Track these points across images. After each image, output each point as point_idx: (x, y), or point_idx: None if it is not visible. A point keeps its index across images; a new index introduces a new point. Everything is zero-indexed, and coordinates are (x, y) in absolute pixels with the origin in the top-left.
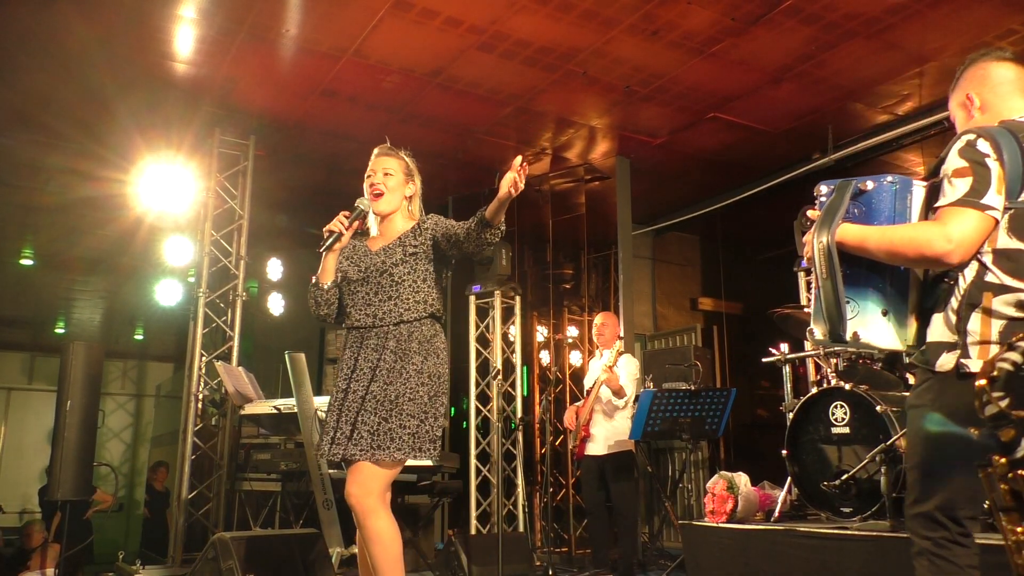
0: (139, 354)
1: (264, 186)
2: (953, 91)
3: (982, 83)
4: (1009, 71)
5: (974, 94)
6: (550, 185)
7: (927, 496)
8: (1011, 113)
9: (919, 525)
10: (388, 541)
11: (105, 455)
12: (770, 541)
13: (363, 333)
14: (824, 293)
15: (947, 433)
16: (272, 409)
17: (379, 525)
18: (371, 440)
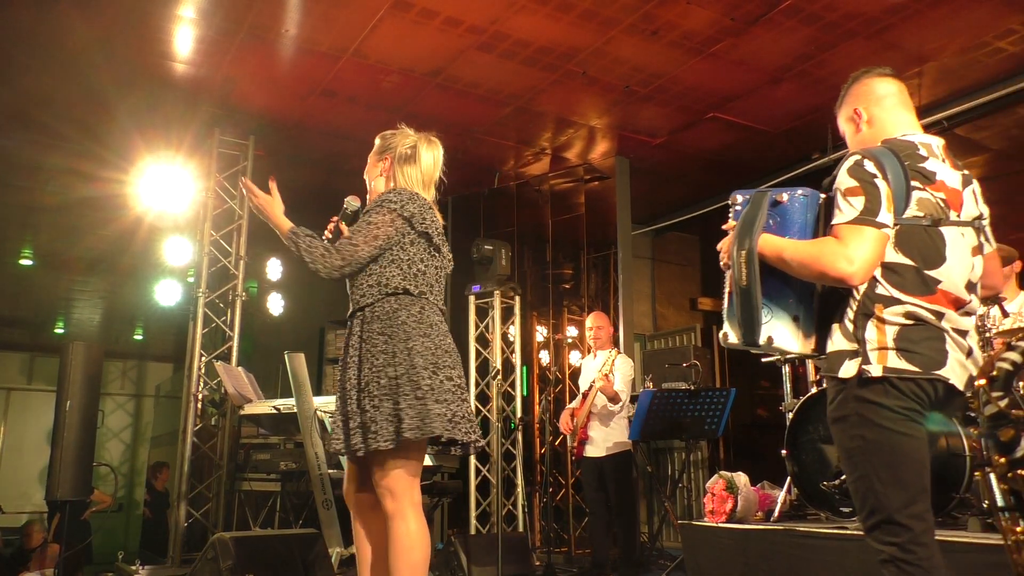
0: (139, 354)
1: (264, 186)
2: (840, 107)
3: (867, 98)
4: (891, 86)
5: (861, 108)
6: (550, 185)
7: (883, 503)
8: (896, 127)
9: (882, 533)
10: (401, 548)
11: (105, 455)
12: (770, 541)
13: (349, 324)
14: (742, 299)
15: (885, 436)
16: (272, 409)
17: (398, 530)
18: (358, 432)
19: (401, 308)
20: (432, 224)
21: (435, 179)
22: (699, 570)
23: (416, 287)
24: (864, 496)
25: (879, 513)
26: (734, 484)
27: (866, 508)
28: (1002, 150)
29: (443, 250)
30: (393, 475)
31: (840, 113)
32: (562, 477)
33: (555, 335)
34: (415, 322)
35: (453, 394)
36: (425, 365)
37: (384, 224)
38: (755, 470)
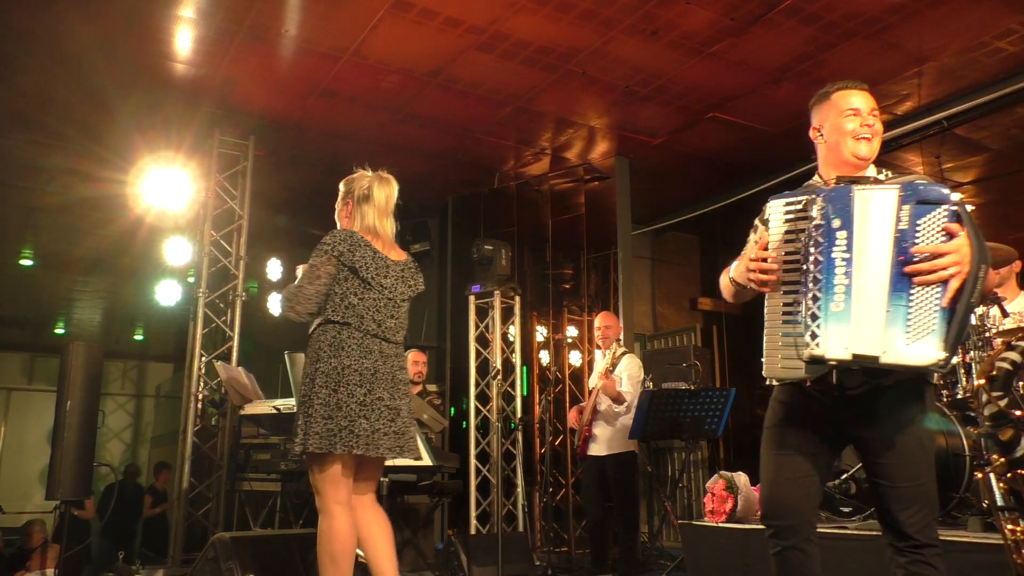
0: (139, 354)
1: (264, 186)
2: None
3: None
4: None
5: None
6: (550, 185)
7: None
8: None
9: (934, 531)
10: (322, 540)
11: (105, 455)
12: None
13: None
14: (965, 316)
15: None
16: (272, 409)
17: (321, 524)
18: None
19: (322, 334)
20: (361, 260)
21: (390, 210)
22: (699, 570)
23: (343, 317)
24: (928, 495)
25: (935, 511)
26: (734, 484)
27: (931, 507)
28: (1002, 150)
29: (382, 281)
30: (316, 477)
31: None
32: (562, 477)
33: (555, 335)
34: (327, 346)
35: (352, 411)
36: (324, 384)
37: (322, 264)
38: (755, 470)
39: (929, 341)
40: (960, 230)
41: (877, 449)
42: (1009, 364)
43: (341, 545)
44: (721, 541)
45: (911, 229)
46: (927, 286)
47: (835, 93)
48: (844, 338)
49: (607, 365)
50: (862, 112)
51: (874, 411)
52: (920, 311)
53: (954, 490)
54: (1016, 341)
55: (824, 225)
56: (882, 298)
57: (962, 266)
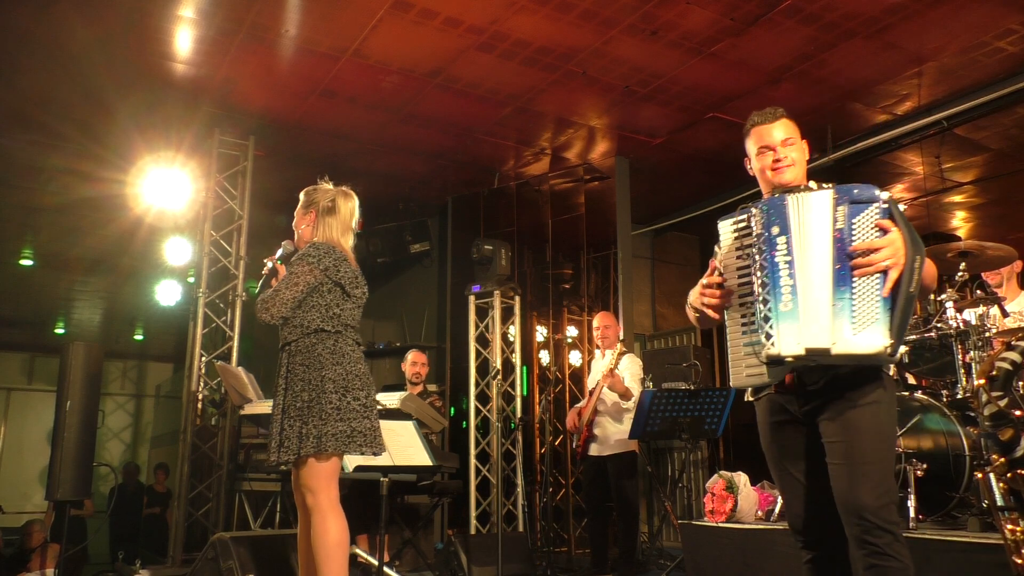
0: (139, 354)
1: (263, 186)
2: (796, 137)
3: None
4: None
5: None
6: (550, 185)
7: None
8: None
9: (897, 515)
10: (322, 540)
11: (105, 455)
12: (769, 541)
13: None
14: (906, 307)
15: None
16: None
17: (320, 524)
18: (279, 449)
19: (318, 343)
20: (345, 274)
21: (352, 225)
22: (699, 570)
23: (332, 327)
24: (884, 476)
25: (892, 493)
26: (734, 484)
27: (882, 487)
28: (1002, 150)
29: (357, 291)
30: (314, 479)
31: (797, 137)
32: (562, 477)
33: (555, 335)
34: (329, 353)
35: (358, 412)
36: (335, 389)
37: (304, 274)
38: (755, 470)
39: (875, 329)
40: (892, 226)
41: (834, 429)
42: (1009, 364)
43: (341, 543)
44: (721, 541)
45: (848, 227)
46: (868, 278)
47: (752, 129)
48: (795, 335)
49: (610, 364)
50: (775, 146)
51: (832, 397)
52: (863, 302)
53: (954, 490)
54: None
55: (764, 234)
56: (827, 294)
57: (897, 258)
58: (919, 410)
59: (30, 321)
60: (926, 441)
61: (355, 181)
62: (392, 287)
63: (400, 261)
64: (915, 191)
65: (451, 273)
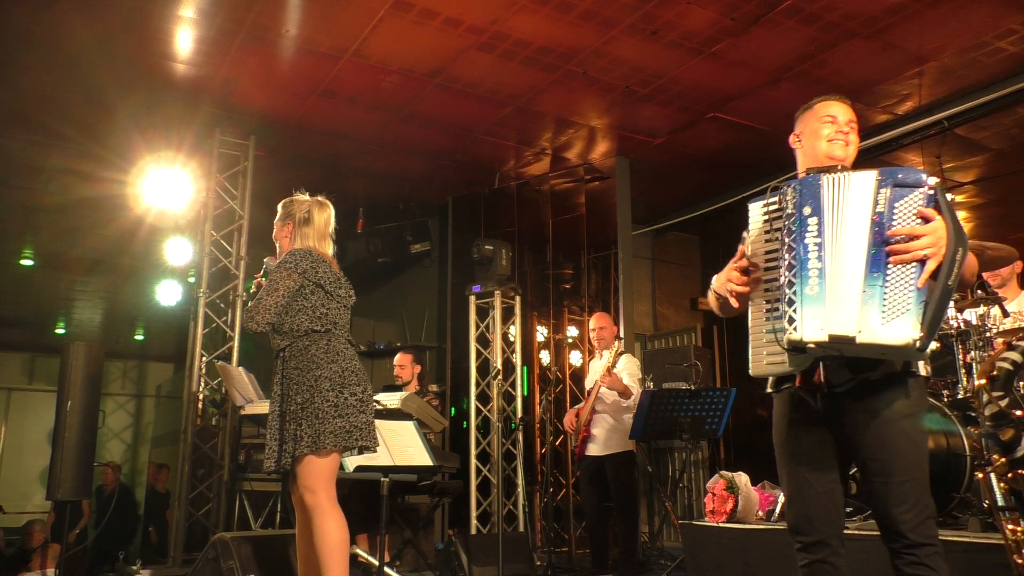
0: (139, 354)
1: (264, 186)
2: (856, 128)
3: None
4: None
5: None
6: (550, 185)
7: (931, 499)
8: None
9: (929, 528)
10: (327, 538)
11: (105, 455)
12: (770, 541)
13: (276, 361)
14: (943, 300)
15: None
16: None
17: (323, 523)
18: (278, 449)
19: (312, 344)
20: (324, 275)
21: (328, 233)
22: (699, 570)
23: (323, 326)
24: (921, 492)
25: (930, 508)
26: (735, 484)
27: (922, 504)
28: (1002, 150)
29: (340, 291)
30: (314, 477)
31: (856, 128)
32: (562, 477)
33: (555, 335)
34: (323, 353)
35: (355, 408)
36: (331, 387)
37: (283, 279)
38: (755, 470)
39: (905, 320)
40: (936, 214)
41: (867, 446)
42: (1009, 364)
43: (342, 542)
44: (721, 541)
45: (888, 211)
46: (903, 266)
47: (818, 103)
48: (820, 320)
49: (608, 364)
50: (839, 120)
51: (862, 408)
52: (896, 291)
53: (954, 490)
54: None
55: (795, 213)
56: (857, 279)
57: (938, 248)
58: None
59: (30, 321)
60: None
61: (355, 181)
62: (392, 287)
63: (400, 261)
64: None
65: (451, 273)
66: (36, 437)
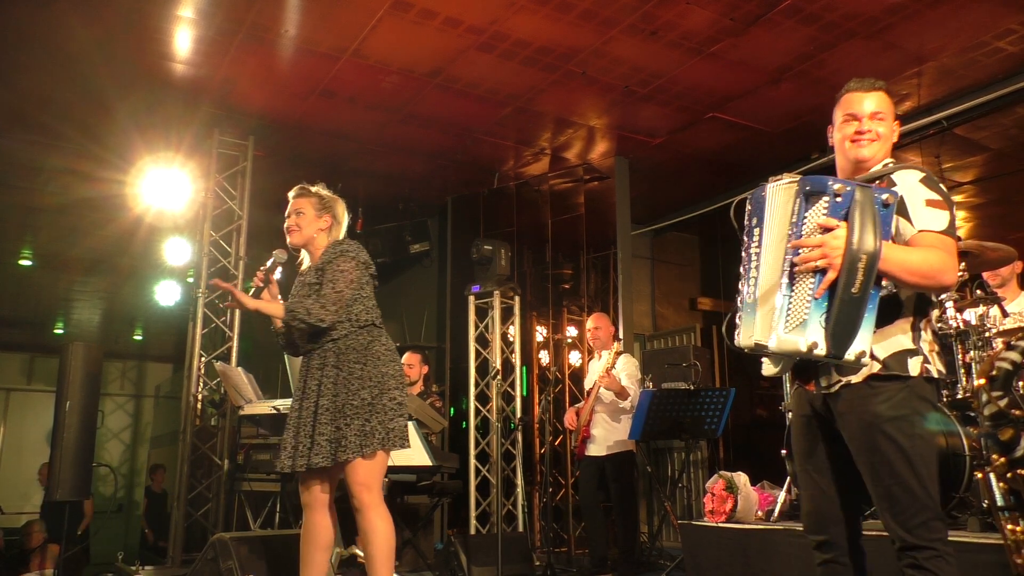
0: (138, 354)
1: (263, 186)
2: (889, 109)
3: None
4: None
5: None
6: (549, 185)
7: (935, 501)
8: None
9: (930, 531)
10: (381, 537)
11: (104, 456)
12: (769, 541)
13: (310, 355)
14: (847, 308)
15: (933, 435)
16: (271, 409)
17: (376, 523)
18: (332, 447)
19: (374, 340)
20: (373, 270)
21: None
22: (699, 570)
23: (378, 319)
24: (916, 495)
25: (931, 510)
26: (734, 484)
27: (916, 506)
28: (1001, 150)
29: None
30: (370, 476)
31: (889, 114)
32: (562, 477)
33: (555, 335)
34: (385, 350)
35: (402, 408)
36: (396, 385)
37: (351, 270)
38: (755, 470)
39: (800, 329)
40: (837, 223)
41: (855, 450)
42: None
43: (393, 538)
44: (721, 541)
45: (799, 221)
46: (806, 276)
47: (844, 95)
48: (751, 328)
49: (606, 364)
50: (862, 116)
51: (849, 411)
52: (798, 301)
53: (954, 490)
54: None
55: (748, 224)
56: (777, 289)
57: (831, 258)
58: None
59: (30, 321)
60: None
61: (354, 181)
62: (392, 287)
63: (400, 261)
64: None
65: (451, 273)
66: (35, 437)
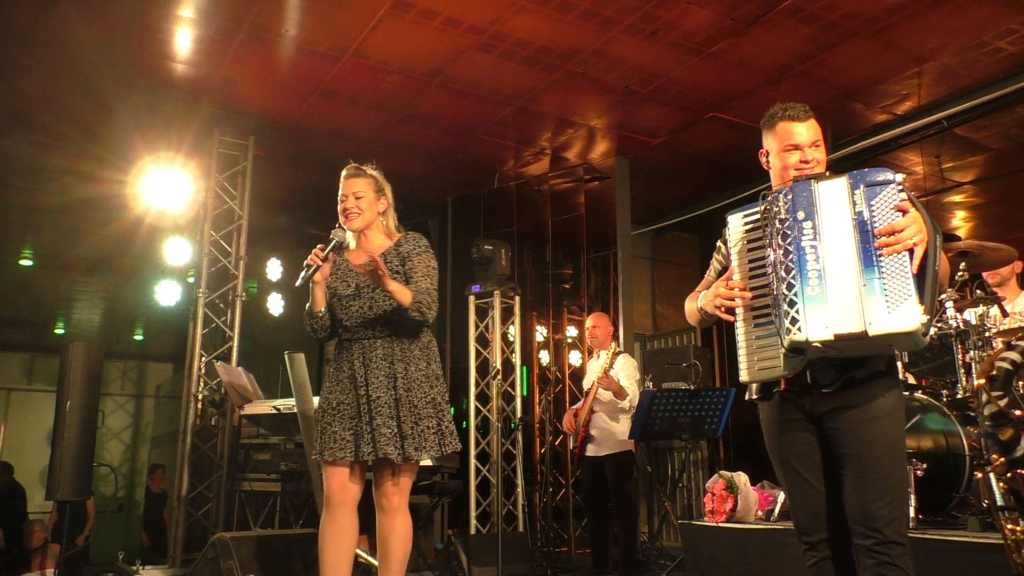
0: (139, 354)
1: (263, 186)
2: (821, 140)
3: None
4: None
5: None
6: (549, 185)
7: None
8: None
9: (904, 526)
10: (408, 537)
11: (105, 456)
12: (769, 541)
13: (365, 344)
14: (936, 285)
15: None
16: (272, 409)
17: (408, 524)
18: (402, 442)
19: (431, 340)
20: None
21: None
22: (699, 570)
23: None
24: (899, 490)
25: (905, 507)
26: (734, 484)
27: (897, 501)
28: (1001, 150)
29: None
30: (409, 478)
31: (821, 140)
32: (562, 477)
33: (555, 335)
34: (435, 350)
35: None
36: (444, 389)
37: (432, 261)
38: (755, 470)
39: (910, 306)
40: (910, 206)
41: (848, 441)
42: (1009, 364)
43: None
44: (721, 541)
45: (867, 209)
46: (895, 257)
47: (779, 123)
48: (824, 319)
49: (604, 365)
50: (803, 146)
51: (847, 404)
52: (895, 280)
53: (954, 490)
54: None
55: (789, 218)
56: (854, 276)
57: (923, 235)
58: (919, 410)
59: (30, 321)
60: (926, 441)
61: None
62: None
63: None
64: (915, 191)
65: (451, 273)
66: (36, 437)
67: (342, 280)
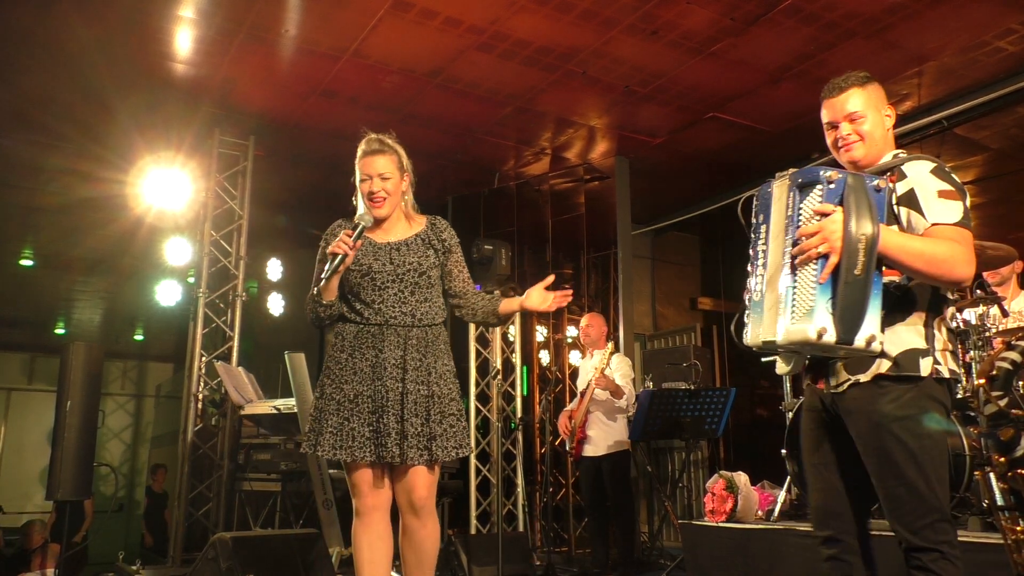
0: (139, 354)
1: (264, 186)
2: (867, 102)
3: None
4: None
5: (890, 111)
6: (550, 185)
7: (942, 502)
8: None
9: (936, 532)
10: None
11: (105, 455)
12: (770, 541)
13: (400, 332)
14: (851, 290)
15: (942, 436)
16: (272, 409)
17: (426, 523)
18: (432, 442)
19: (446, 337)
20: None
21: None
22: (699, 570)
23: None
24: (922, 496)
25: (937, 511)
26: (734, 484)
27: (922, 508)
28: (1002, 150)
29: None
30: (437, 476)
31: (869, 107)
32: (562, 477)
33: (555, 335)
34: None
35: None
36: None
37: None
38: (755, 470)
39: (807, 317)
40: (833, 208)
41: (861, 449)
42: (1009, 364)
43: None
44: (721, 541)
45: (795, 214)
46: (808, 265)
47: (822, 102)
48: (758, 326)
49: (600, 364)
50: (839, 121)
51: (856, 410)
52: (802, 290)
53: (954, 490)
54: (1016, 341)
55: (754, 222)
56: (782, 284)
57: (831, 241)
58: None
59: (30, 321)
60: None
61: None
62: None
63: None
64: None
65: None
66: (36, 437)
67: (377, 259)
